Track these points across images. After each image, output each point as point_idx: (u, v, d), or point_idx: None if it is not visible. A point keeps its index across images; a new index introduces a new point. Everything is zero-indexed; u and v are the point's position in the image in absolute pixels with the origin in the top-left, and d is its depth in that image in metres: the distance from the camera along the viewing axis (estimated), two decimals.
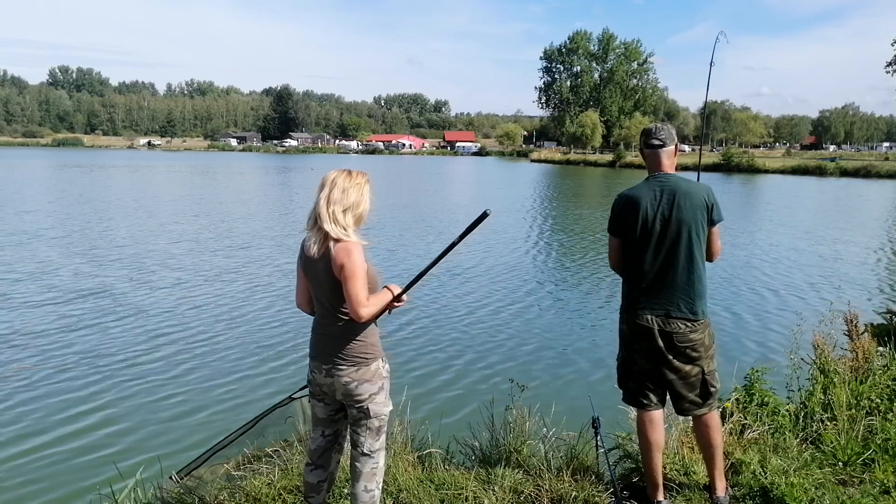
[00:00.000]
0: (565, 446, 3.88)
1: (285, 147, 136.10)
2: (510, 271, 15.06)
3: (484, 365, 8.63)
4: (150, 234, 19.59)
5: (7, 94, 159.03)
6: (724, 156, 72.96)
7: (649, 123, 3.79)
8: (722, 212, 3.25)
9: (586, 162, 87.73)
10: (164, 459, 4.31)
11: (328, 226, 2.66)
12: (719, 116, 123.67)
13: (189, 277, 13.69)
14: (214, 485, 3.59)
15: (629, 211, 3.25)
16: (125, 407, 7.15)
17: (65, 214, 23.99)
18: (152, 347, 9.07)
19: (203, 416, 6.96)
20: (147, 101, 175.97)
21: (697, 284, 3.21)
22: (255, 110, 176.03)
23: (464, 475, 3.62)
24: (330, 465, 3.01)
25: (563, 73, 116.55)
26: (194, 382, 7.87)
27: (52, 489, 5.55)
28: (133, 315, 10.64)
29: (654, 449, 3.29)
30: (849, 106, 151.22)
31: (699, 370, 3.26)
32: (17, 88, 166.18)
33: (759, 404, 4.33)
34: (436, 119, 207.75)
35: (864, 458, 3.83)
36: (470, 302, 11.98)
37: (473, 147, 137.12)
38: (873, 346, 5.34)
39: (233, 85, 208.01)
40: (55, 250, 16.45)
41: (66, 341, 9.23)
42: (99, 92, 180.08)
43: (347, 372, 2.77)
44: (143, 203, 29.07)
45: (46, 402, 7.22)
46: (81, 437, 6.47)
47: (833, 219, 27.49)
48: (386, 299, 2.77)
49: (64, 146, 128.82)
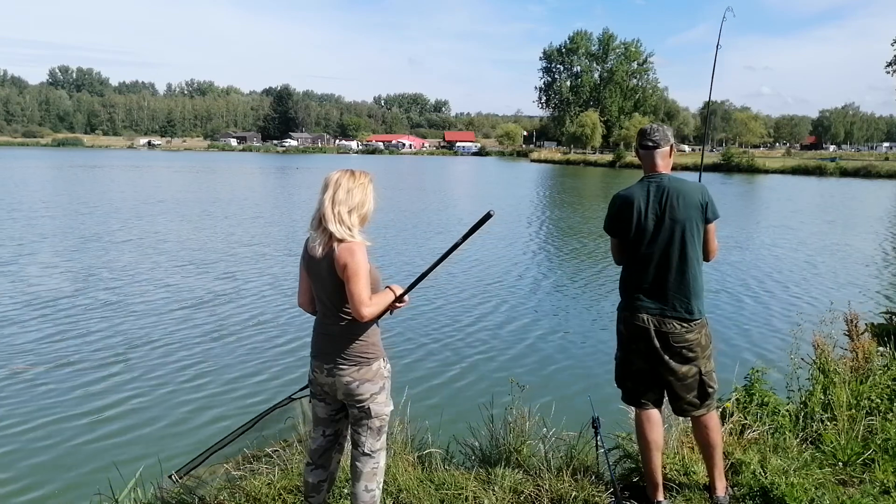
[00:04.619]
0: (565, 446, 3.88)
1: (285, 147, 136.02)
2: (510, 271, 15.06)
3: (484, 365, 8.63)
4: (150, 235, 19.59)
5: (7, 94, 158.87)
6: (724, 156, 72.99)
7: (648, 123, 3.80)
8: (718, 209, 3.25)
9: (586, 162, 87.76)
10: (164, 459, 4.30)
11: (333, 226, 2.67)
12: (719, 116, 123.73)
13: (188, 277, 13.70)
14: (214, 485, 3.59)
15: (624, 211, 3.27)
16: (125, 407, 7.15)
17: (63, 215, 23.99)
18: (152, 347, 9.07)
19: (203, 416, 6.96)
20: (147, 101, 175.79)
21: (692, 284, 3.21)
22: (255, 110, 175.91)
23: (464, 475, 3.62)
24: (330, 465, 3.01)
25: (563, 73, 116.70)
26: (194, 382, 7.87)
27: (52, 489, 5.55)
28: (132, 315, 10.64)
29: (653, 448, 3.30)
30: (849, 106, 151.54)
31: (696, 371, 3.26)
32: (17, 88, 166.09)
33: (759, 404, 4.33)
34: (436, 119, 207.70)
35: (864, 458, 3.83)
36: (470, 302, 11.98)
37: (473, 147, 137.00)
38: (873, 346, 5.34)
39: (233, 85, 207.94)
40: (54, 249, 16.46)
41: (66, 341, 9.23)
42: (99, 92, 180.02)
43: (349, 371, 2.78)
44: (136, 203, 29.06)
45: (45, 402, 7.22)
46: (81, 437, 6.47)
47: (833, 219, 27.49)
48: (388, 299, 2.78)
49: (64, 146, 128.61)
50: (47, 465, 5.93)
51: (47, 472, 5.80)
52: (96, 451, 6.18)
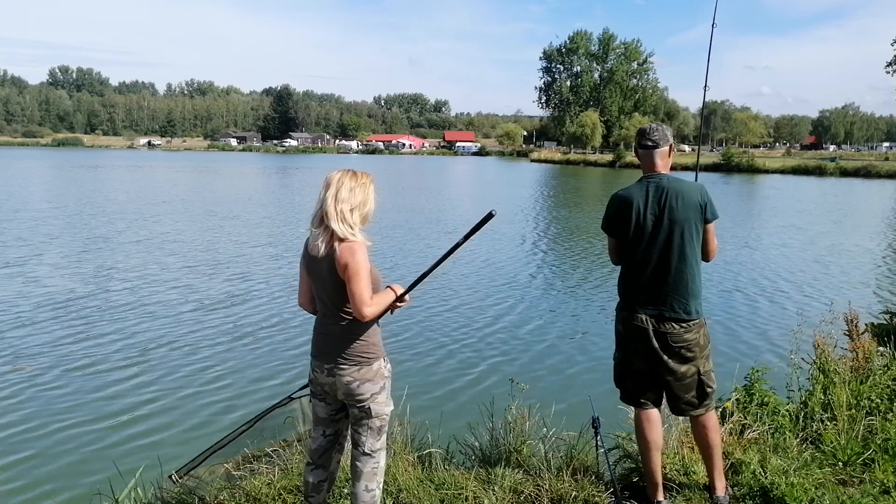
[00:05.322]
0: (565, 446, 3.88)
1: (285, 147, 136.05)
2: (510, 271, 15.06)
3: (484, 365, 8.63)
4: (158, 236, 19.59)
5: (7, 94, 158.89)
6: (724, 156, 73.01)
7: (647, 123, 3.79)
8: (717, 209, 3.25)
9: (586, 162, 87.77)
10: (164, 459, 4.30)
11: (336, 224, 2.67)
12: (719, 116, 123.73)
13: (188, 277, 13.70)
14: (214, 484, 3.59)
15: (622, 211, 3.27)
16: (125, 407, 7.15)
17: (69, 216, 23.99)
18: (152, 347, 9.07)
19: (203, 416, 6.96)
20: (147, 101, 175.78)
21: (691, 284, 3.21)
22: (255, 110, 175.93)
23: (464, 475, 3.62)
24: (330, 465, 3.01)
25: (563, 73, 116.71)
26: (194, 382, 7.87)
27: (51, 489, 5.54)
28: (132, 315, 10.64)
29: (652, 448, 3.30)
30: (849, 106, 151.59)
31: (695, 370, 3.26)
32: (17, 88, 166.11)
33: (759, 404, 4.33)
34: (436, 119, 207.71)
35: (864, 458, 3.83)
36: (470, 301, 11.98)
37: (473, 147, 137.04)
38: (873, 346, 5.34)
39: (233, 85, 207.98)
40: (60, 251, 16.46)
41: (65, 341, 9.23)
42: (99, 92, 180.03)
43: (349, 371, 2.78)
44: (141, 203, 29.06)
45: (45, 402, 7.22)
46: (81, 437, 6.47)
47: (833, 219, 27.49)
48: (389, 299, 2.78)
49: (64, 146, 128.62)
50: (47, 464, 5.93)
51: (47, 472, 5.80)
52: (96, 451, 6.18)
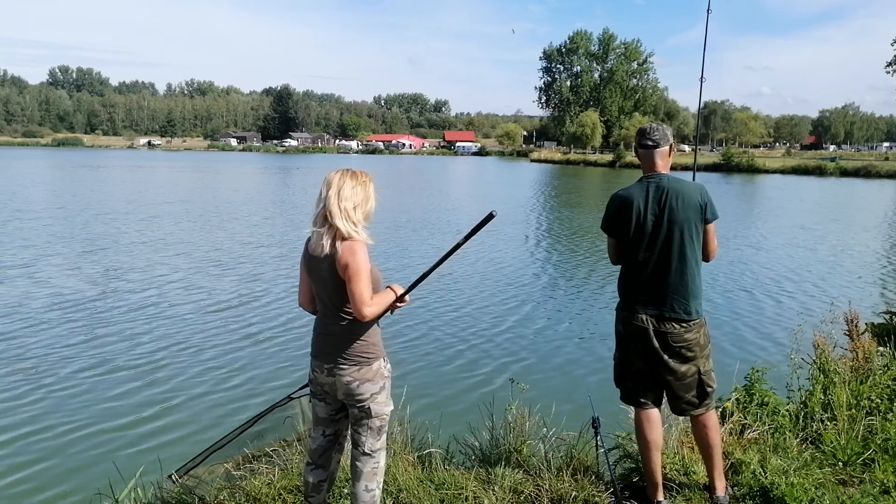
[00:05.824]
0: (565, 446, 3.87)
1: (285, 147, 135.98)
2: (510, 271, 15.07)
3: (484, 365, 8.63)
4: (162, 237, 19.58)
5: (7, 93, 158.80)
6: (724, 156, 72.98)
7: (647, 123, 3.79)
8: (717, 210, 3.24)
9: (586, 162, 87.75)
10: (164, 459, 4.30)
11: (340, 222, 2.67)
12: (719, 116, 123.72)
13: (187, 277, 13.70)
14: (214, 484, 3.58)
15: (622, 211, 3.26)
16: (125, 407, 7.15)
17: (73, 216, 23.98)
18: (152, 347, 9.07)
19: (203, 416, 6.96)
20: (147, 101, 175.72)
21: (691, 284, 3.20)
22: (255, 110, 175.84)
23: (464, 475, 3.62)
24: (330, 465, 3.01)
25: (563, 73, 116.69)
26: (194, 382, 7.88)
27: (52, 488, 5.55)
28: (132, 315, 10.64)
29: (652, 448, 3.30)
30: (849, 106, 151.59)
31: (695, 370, 3.26)
32: (17, 88, 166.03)
33: (759, 404, 4.33)
34: (436, 119, 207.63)
35: (864, 458, 3.83)
36: (470, 302, 11.98)
37: (473, 147, 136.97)
38: (873, 346, 5.34)
39: (233, 85, 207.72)
40: (63, 252, 16.46)
41: (65, 341, 9.23)
42: (99, 92, 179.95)
43: (349, 371, 2.78)
44: (144, 204, 29.05)
45: (45, 402, 7.22)
46: (81, 437, 6.47)
47: (833, 218, 27.49)
48: (389, 299, 2.78)
49: (64, 146, 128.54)
50: (47, 464, 5.93)
51: (47, 472, 5.81)
52: (96, 451, 6.18)
